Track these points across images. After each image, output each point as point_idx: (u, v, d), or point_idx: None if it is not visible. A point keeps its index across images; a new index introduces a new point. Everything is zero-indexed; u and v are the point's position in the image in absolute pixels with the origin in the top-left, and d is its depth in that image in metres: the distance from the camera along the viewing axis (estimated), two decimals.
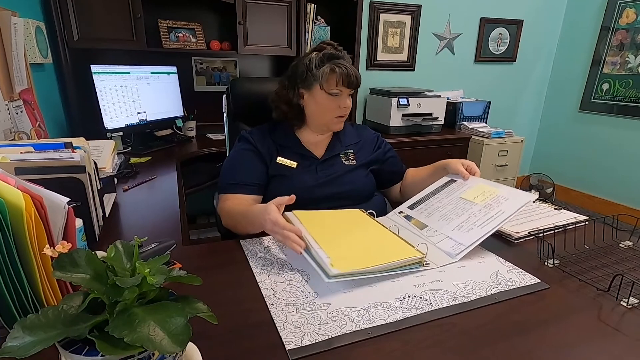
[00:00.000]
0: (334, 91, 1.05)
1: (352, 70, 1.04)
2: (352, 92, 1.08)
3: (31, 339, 0.38)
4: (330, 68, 1.03)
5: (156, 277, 0.42)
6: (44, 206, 0.52)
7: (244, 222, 0.94)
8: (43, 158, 0.76)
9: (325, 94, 1.05)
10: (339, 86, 1.05)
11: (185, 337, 0.40)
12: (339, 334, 0.59)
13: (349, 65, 1.05)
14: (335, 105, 1.07)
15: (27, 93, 1.35)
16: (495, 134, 2.66)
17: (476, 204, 0.96)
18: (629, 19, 2.82)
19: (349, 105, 1.09)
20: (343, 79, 1.03)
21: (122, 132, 1.83)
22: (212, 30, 2.34)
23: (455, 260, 0.82)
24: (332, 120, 1.10)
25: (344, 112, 1.09)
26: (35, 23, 1.54)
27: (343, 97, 1.07)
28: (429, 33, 2.94)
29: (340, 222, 0.94)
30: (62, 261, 0.42)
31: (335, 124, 1.11)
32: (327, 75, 1.03)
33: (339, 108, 1.08)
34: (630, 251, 0.88)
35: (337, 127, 1.12)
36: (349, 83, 1.04)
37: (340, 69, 1.03)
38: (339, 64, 1.04)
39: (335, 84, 1.04)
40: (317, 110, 1.09)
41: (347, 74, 1.03)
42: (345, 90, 1.06)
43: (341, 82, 1.04)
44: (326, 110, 1.08)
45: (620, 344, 0.59)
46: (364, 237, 0.87)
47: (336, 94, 1.06)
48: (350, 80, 1.04)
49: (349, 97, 1.09)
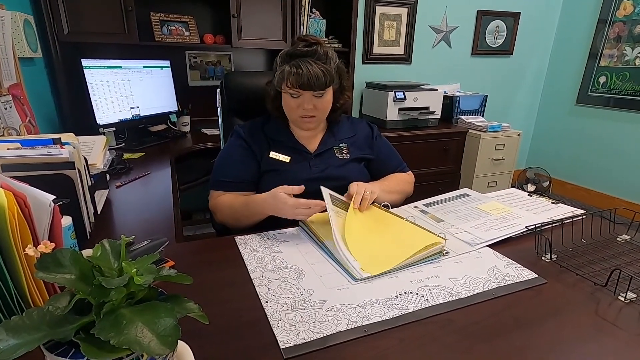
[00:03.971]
0: (291, 91, 1.00)
1: (308, 71, 0.95)
2: (317, 93, 1.00)
3: (15, 341, 0.37)
4: (284, 67, 0.98)
5: (144, 277, 0.41)
6: (27, 204, 0.50)
7: (247, 212, 0.97)
8: (30, 155, 0.74)
9: (287, 94, 1.02)
10: (291, 87, 0.98)
11: (174, 338, 0.39)
12: (334, 331, 0.58)
13: (310, 65, 0.96)
14: (296, 105, 1.02)
15: (16, 88, 1.32)
16: (492, 128, 2.65)
17: (492, 214, 1.00)
18: (626, 11, 2.81)
19: (310, 107, 1.00)
20: (292, 79, 0.96)
21: (115, 127, 1.80)
22: (205, 24, 2.30)
23: (474, 249, 0.84)
24: (297, 119, 1.05)
25: (305, 113, 1.02)
26: (23, 16, 1.51)
27: (304, 99, 1.00)
28: (426, 26, 2.92)
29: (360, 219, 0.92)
30: (45, 261, 0.40)
31: (303, 123, 1.06)
32: (281, 74, 0.99)
33: (299, 108, 1.02)
34: (628, 245, 0.88)
35: (305, 127, 1.08)
36: (301, 85, 0.96)
37: (291, 69, 0.96)
38: (297, 64, 0.97)
39: (287, 83, 0.98)
40: (285, 107, 1.06)
41: (297, 73, 0.95)
42: (304, 91, 0.99)
43: (290, 82, 0.97)
44: (290, 110, 1.04)
45: (618, 339, 0.58)
46: (385, 232, 0.88)
47: (295, 95, 1.00)
48: (302, 82, 0.96)
49: (318, 99, 1.01)
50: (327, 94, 1.03)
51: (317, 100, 1.01)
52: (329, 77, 0.99)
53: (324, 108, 1.04)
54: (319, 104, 1.02)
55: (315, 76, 0.96)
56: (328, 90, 1.02)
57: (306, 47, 1.00)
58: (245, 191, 1.07)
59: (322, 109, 1.04)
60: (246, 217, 0.99)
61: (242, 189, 1.06)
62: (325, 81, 0.98)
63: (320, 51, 1.00)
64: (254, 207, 0.97)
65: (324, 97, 1.02)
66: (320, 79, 0.97)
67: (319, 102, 1.02)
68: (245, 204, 0.99)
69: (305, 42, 1.01)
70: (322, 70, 0.97)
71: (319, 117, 1.06)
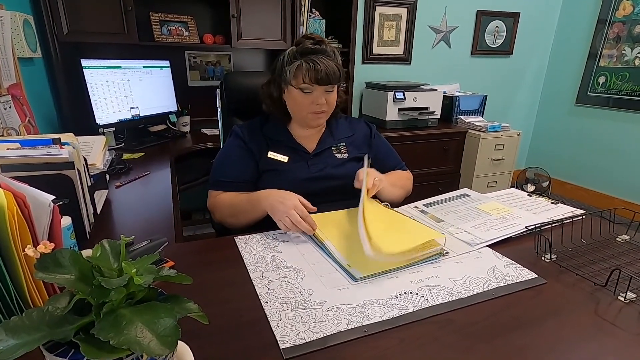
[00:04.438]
0: (304, 87, 1.01)
1: (325, 66, 0.98)
2: (329, 88, 1.03)
3: (15, 341, 0.37)
4: (299, 63, 1.00)
5: (144, 277, 0.41)
6: (27, 204, 0.50)
7: (248, 206, 0.98)
8: (29, 155, 0.74)
9: (297, 90, 1.02)
10: (306, 82, 1.00)
11: (174, 338, 0.39)
12: (334, 332, 0.58)
13: (325, 60, 0.99)
14: (308, 102, 1.03)
15: (15, 88, 1.32)
16: (491, 128, 2.65)
17: (492, 214, 1.00)
18: (626, 11, 2.81)
19: (323, 102, 1.03)
20: (310, 74, 0.98)
21: (114, 127, 1.80)
22: (205, 24, 2.30)
23: (474, 249, 0.84)
24: (307, 116, 1.06)
25: (317, 108, 1.04)
26: (23, 16, 1.51)
27: (316, 94, 1.02)
28: (425, 26, 2.92)
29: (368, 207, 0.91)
30: (44, 262, 0.40)
31: (313, 120, 1.07)
32: (295, 70, 1.01)
33: (312, 104, 1.03)
34: (627, 245, 0.88)
35: (315, 124, 1.09)
36: (318, 79, 0.99)
37: (309, 65, 0.98)
38: (310, 59, 0.99)
39: (302, 79, 1.00)
40: (294, 106, 1.07)
41: (315, 69, 0.98)
42: (318, 87, 1.01)
43: (308, 77, 0.99)
44: (300, 107, 1.05)
45: (618, 339, 0.58)
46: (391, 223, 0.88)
47: (307, 91, 1.02)
48: (318, 76, 0.98)
49: (329, 94, 1.04)
50: (334, 90, 1.06)
51: (327, 96, 1.04)
52: (341, 72, 1.04)
53: (332, 104, 1.08)
54: (329, 99, 1.05)
55: (332, 71, 1.00)
56: (336, 86, 1.06)
57: (315, 45, 1.02)
58: (244, 191, 1.07)
59: (331, 105, 1.07)
60: (245, 213, 0.99)
61: (241, 189, 1.07)
62: (339, 76, 1.03)
63: (328, 49, 1.03)
64: (257, 197, 0.97)
65: (333, 92, 1.06)
66: (336, 73, 1.01)
67: (329, 98, 1.05)
68: (247, 198, 1.00)
69: (312, 40, 1.03)
70: (336, 65, 1.02)
71: (328, 113, 1.08)
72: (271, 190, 0.96)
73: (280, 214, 0.88)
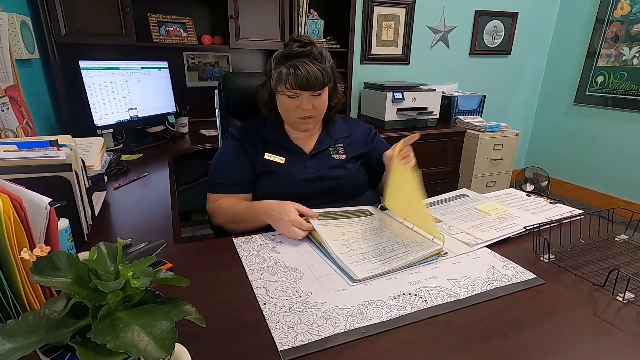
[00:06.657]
0: (289, 93, 0.99)
1: (306, 71, 0.95)
2: (315, 93, 1.00)
3: (11, 345, 0.37)
4: (281, 69, 0.98)
5: (140, 280, 0.41)
6: (23, 207, 0.50)
7: (250, 217, 0.97)
8: (27, 157, 0.74)
9: (283, 95, 1.01)
10: (288, 88, 0.98)
11: (171, 341, 0.38)
12: (332, 333, 0.58)
13: (307, 65, 0.96)
14: (294, 106, 1.01)
15: (13, 90, 1.31)
16: (490, 128, 2.66)
17: (491, 215, 1.00)
18: (624, 10, 2.82)
19: (309, 107, 1.00)
20: (291, 80, 0.96)
21: (112, 128, 1.79)
22: (203, 25, 2.30)
23: (473, 249, 0.84)
24: (296, 121, 1.04)
25: (304, 114, 1.01)
26: (20, 17, 1.50)
27: (303, 99, 0.99)
28: (424, 26, 2.92)
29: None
30: (41, 265, 0.40)
31: (300, 124, 1.05)
32: (278, 76, 0.99)
33: (298, 110, 1.01)
34: (626, 245, 0.88)
35: (303, 128, 1.07)
36: (300, 85, 0.96)
37: (289, 70, 0.96)
38: (293, 65, 0.96)
39: (285, 85, 0.98)
40: (282, 110, 1.05)
41: (295, 74, 0.95)
42: (303, 92, 0.99)
43: (289, 83, 0.96)
44: (288, 112, 1.03)
45: (616, 340, 0.58)
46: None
47: (293, 96, 1.00)
48: (299, 82, 0.95)
49: (316, 98, 1.01)
50: (323, 93, 1.03)
51: (314, 100, 1.01)
52: (327, 76, 0.99)
53: (321, 108, 1.04)
54: (316, 103, 1.02)
55: (314, 76, 0.96)
56: (324, 89, 1.02)
57: (301, 48, 0.99)
58: (242, 193, 1.06)
59: (320, 109, 1.04)
60: (246, 222, 0.99)
61: (239, 191, 1.06)
62: (324, 80, 0.99)
63: (315, 51, 1.00)
64: (258, 211, 0.96)
65: (321, 96, 1.02)
66: (319, 78, 0.97)
67: (316, 102, 1.02)
68: (248, 209, 0.98)
69: (299, 42, 1.00)
70: (320, 70, 0.97)
71: (317, 117, 1.06)
72: (269, 204, 0.93)
73: (282, 230, 0.90)
